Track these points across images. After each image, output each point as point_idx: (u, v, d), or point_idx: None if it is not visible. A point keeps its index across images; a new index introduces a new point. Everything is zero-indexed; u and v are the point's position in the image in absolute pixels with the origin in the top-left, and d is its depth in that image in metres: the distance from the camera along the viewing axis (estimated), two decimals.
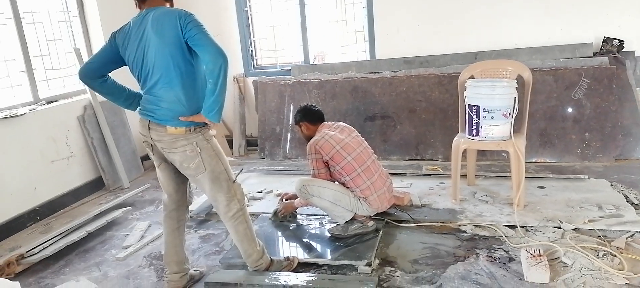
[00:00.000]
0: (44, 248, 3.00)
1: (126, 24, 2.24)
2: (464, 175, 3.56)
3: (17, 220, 3.47)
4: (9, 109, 3.56)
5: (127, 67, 2.30)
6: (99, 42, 4.33)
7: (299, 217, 3.21)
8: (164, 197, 2.46)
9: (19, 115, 3.49)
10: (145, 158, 4.66)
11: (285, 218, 3.17)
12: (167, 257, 2.48)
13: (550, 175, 3.69)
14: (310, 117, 3.00)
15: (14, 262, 2.83)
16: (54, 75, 4.14)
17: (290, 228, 3.09)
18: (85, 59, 4.14)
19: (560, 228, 2.79)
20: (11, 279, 1.58)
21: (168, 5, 2.26)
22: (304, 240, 2.93)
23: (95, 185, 4.24)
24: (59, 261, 2.96)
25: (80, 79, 2.33)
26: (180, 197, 2.46)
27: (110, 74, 2.37)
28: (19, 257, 2.88)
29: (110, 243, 3.18)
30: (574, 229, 2.76)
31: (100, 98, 3.90)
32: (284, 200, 3.28)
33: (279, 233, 3.04)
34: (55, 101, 4.00)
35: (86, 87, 3.98)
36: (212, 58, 2.05)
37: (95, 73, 2.32)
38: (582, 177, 3.59)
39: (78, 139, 4.10)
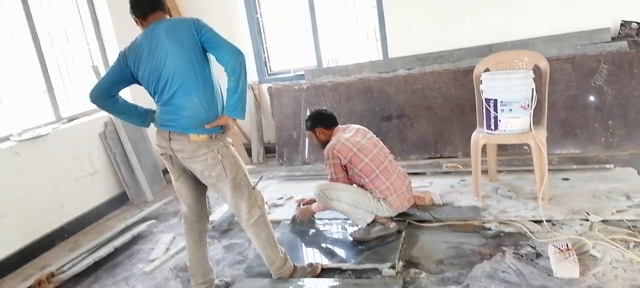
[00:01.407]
0: (73, 265, 3.07)
1: (134, 42, 2.27)
2: (485, 171, 3.51)
3: (46, 239, 3.56)
4: (33, 130, 3.65)
5: (132, 85, 2.34)
6: (115, 59, 4.41)
7: (317, 222, 3.22)
8: (183, 209, 2.49)
9: (43, 135, 3.59)
10: (167, 171, 4.75)
11: (303, 224, 3.18)
12: (192, 268, 2.51)
13: (575, 166, 3.61)
14: (325, 122, 3.01)
15: (44, 281, 2.90)
16: (73, 94, 4.23)
17: (309, 233, 3.10)
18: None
19: (587, 220, 2.73)
20: None
21: (167, 16, 2.29)
22: (327, 245, 2.93)
23: (120, 200, 4.32)
24: (88, 277, 3.02)
25: (92, 101, 2.35)
26: (200, 208, 2.49)
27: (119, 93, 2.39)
28: (49, 275, 2.96)
29: (137, 257, 3.24)
30: (602, 221, 2.70)
31: None
32: (301, 205, 3.29)
33: (301, 240, 3.05)
34: (77, 119, 4.09)
35: None
36: (232, 56, 2.12)
37: (106, 93, 2.35)
38: (607, 166, 3.50)
39: (101, 155, 4.19)
